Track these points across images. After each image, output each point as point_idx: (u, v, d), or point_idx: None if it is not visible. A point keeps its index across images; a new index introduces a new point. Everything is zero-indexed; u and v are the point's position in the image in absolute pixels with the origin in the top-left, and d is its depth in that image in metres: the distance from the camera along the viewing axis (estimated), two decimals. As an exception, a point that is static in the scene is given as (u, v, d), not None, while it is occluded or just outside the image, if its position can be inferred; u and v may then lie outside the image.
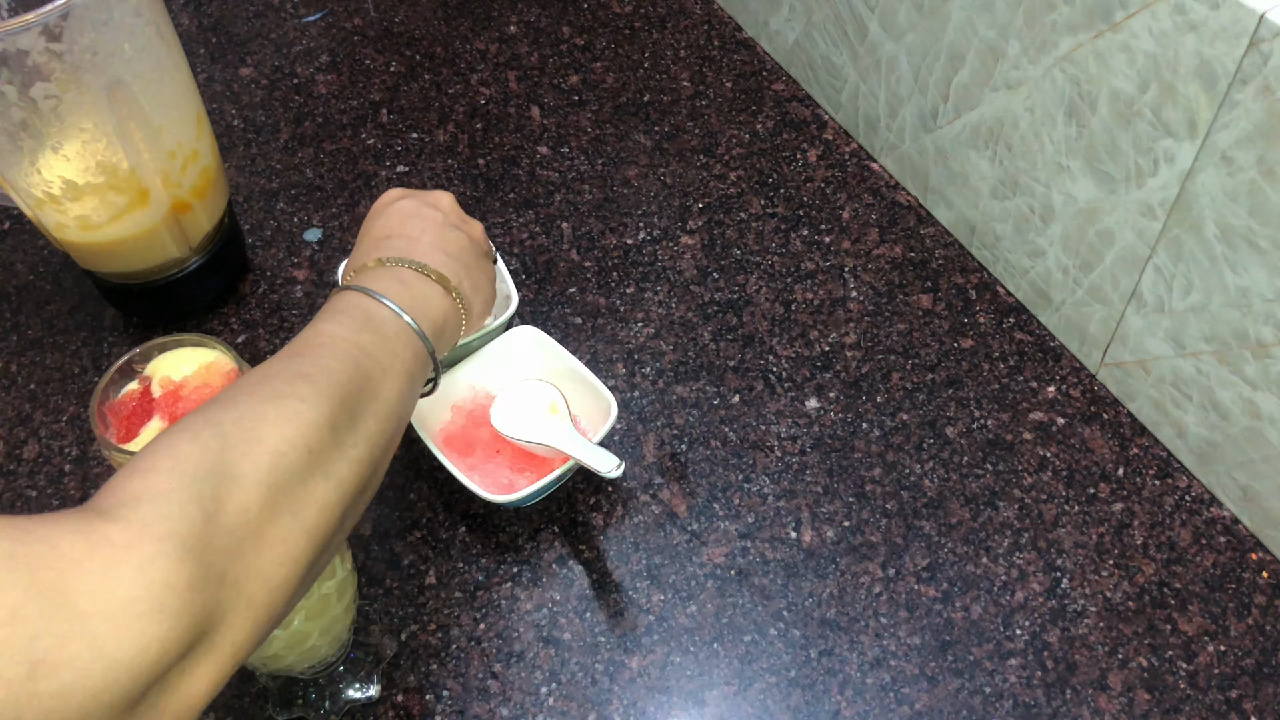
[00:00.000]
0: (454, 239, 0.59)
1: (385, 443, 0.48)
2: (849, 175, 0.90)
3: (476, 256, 0.61)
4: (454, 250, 0.58)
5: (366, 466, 0.46)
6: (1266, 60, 0.53)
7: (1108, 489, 0.70)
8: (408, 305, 0.52)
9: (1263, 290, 0.59)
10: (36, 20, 0.58)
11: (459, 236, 0.60)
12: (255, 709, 0.62)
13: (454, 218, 0.61)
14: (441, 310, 0.55)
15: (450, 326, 0.56)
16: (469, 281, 0.58)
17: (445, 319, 0.55)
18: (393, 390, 0.49)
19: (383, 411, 0.47)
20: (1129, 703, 0.61)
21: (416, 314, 0.53)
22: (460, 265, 0.58)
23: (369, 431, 0.46)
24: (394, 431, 0.49)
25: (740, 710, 0.62)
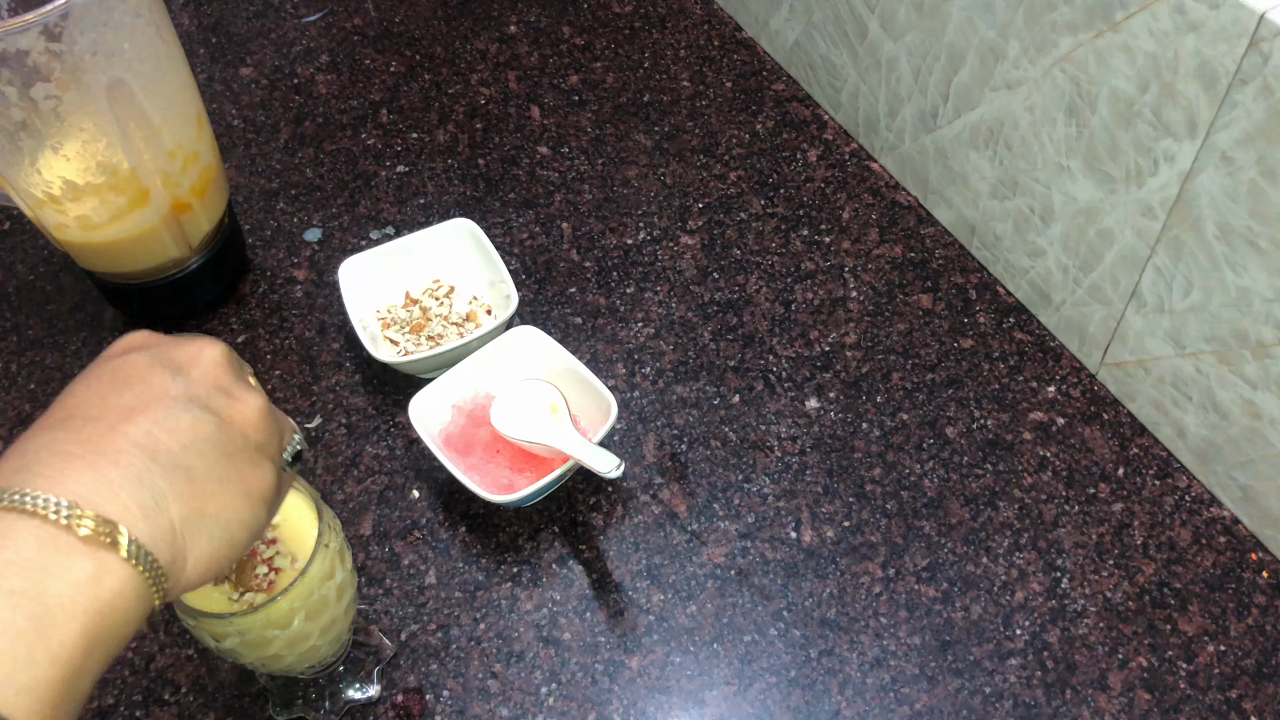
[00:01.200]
0: (183, 426, 0.37)
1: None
2: (849, 175, 0.90)
3: (222, 455, 0.38)
4: (171, 450, 0.37)
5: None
6: (1266, 60, 0.53)
7: (1108, 489, 0.70)
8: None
9: (1263, 290, 0.59)
10: (36, 20, 0.58)
11: (194, 421, 0.38)
12: (255, 709, 0.62)
13: (203, 388, 0.39)
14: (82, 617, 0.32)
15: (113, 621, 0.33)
16: (185, 503, 0.36)
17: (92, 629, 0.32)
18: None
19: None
20: (1129, 703, 0.61)
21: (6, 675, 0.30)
22: (173, 476, 0.36)
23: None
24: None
25: (740, 710, 0.62)
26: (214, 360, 0.41)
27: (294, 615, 0.51)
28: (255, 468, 0.40)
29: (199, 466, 0.37)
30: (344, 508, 0.71)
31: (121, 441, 0.36)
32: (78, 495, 0.33)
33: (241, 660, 0.53)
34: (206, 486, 0.37)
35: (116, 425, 0.36)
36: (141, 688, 0.63)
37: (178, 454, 0.37)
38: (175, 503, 0.36)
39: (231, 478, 0.38)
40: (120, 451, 0.35)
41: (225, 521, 0.38)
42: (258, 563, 0.53)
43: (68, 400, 0.38)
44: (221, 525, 0.38)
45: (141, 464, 0.35)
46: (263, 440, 0.41)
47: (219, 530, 0.38)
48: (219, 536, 0.38)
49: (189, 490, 0.36)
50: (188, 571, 0.36)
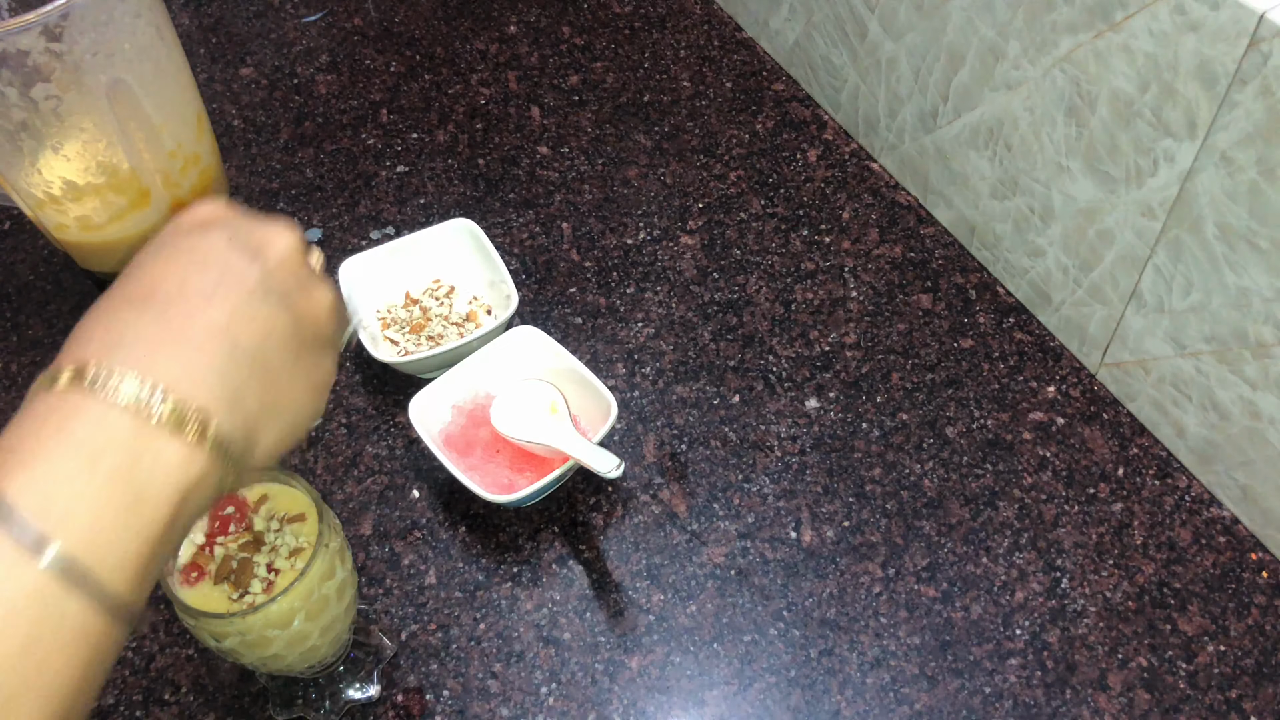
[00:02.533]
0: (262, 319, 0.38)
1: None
2: (849, 175, 0.90)
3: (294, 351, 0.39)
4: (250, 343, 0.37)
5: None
6: (1266, 60, 0.53)
7: (1108, 489, 0.70)
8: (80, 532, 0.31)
9: (1263, 290, 0.59)
10: (37, 20, 0.58)
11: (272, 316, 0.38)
12: (255, 709, 0.62)
13: (279, 278, 0.39)
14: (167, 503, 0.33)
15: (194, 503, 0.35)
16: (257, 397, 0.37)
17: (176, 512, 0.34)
18: None
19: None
20: (1129, 703, 0.61)
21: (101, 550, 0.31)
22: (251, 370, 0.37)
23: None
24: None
25: (740, 710, 0.62)
26: (290, 248, 0.40)
27: (294, 615, 0.51)
28: (321, 360, 0.41)
29: (274, 360, 0.38)
30: (344, 508, 0.71)
31: (204, 330, 0.36)
32: (167, 383, 0.34)
33: (241, 660, 0.53)
34: (279, 380, 0.38)
35: (199, 311, 0.36)
36: (141, 688, 0.63)
37: (256, 346, 0.37)
38: (252, 396, 0.37)
39: (300, 372, 0.39)
40: (204, 341, 0.36)
41: (293, 413, 0.39)
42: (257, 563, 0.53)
43: (145, 273, 0.38)
44: (289, 417, 0.39)
45: (224, 355, 0.36)
46: (329, 334, 0.41)
47: (286, 422, 0.39)
48: (285, 427, 0.39)
49: (265, 383, 0.37)
50: (254, 460, 0.38)
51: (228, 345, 0.36)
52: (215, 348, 0.36)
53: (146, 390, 0.34)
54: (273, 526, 0.54)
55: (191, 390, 0.35)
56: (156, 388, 0.34)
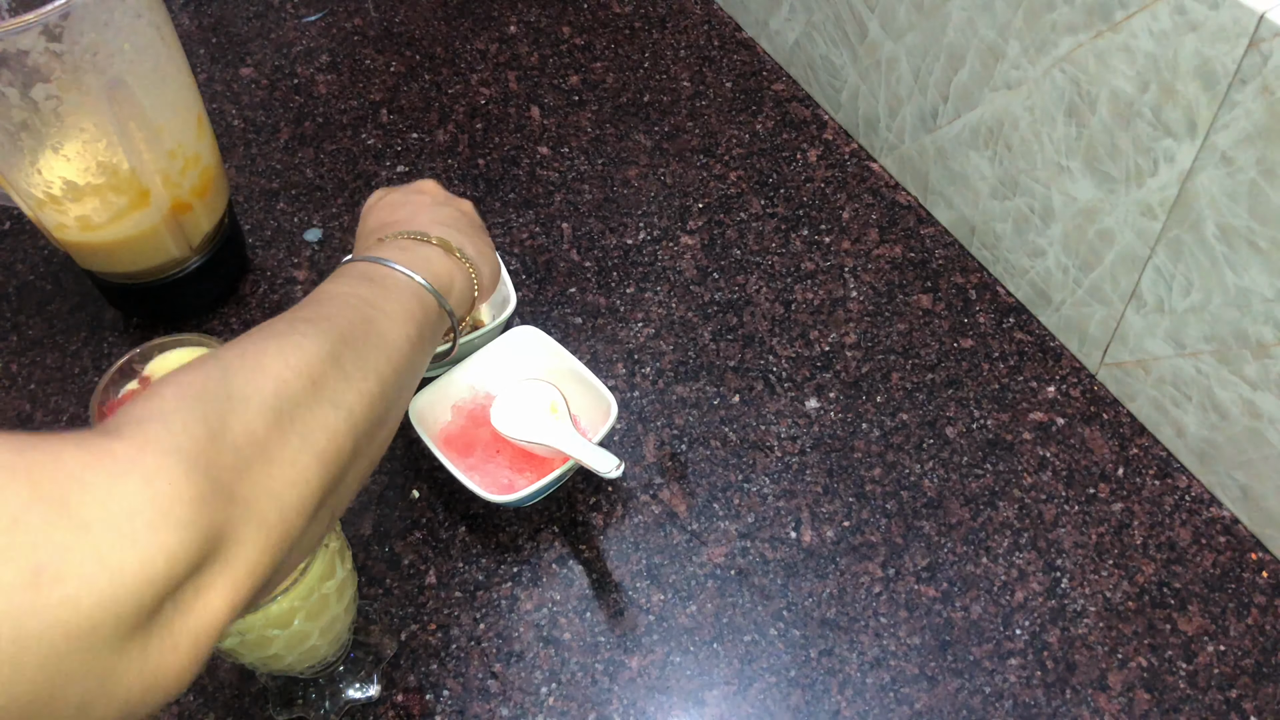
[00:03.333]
0: (446, 213, 0.62)
1: (396, 381, 0.48)
2: (849, 175, 0.90)
3: (473, 226, 0.63)
4: (448, 220, 0.61)
5: (377, 400, 0.46)
6: (1266, 60, 0.53)
7: (1108, 489, 0.70)
8: (407, 263, 0.54)
9: (1263, 290, 0.59)
10: (37, 20, 0.58)
11: (450, 210, 0.62)
12: (255, 709, 0.62)
13: (441, 197, 0.64)
14: (446, 268, 0.56)
15: (460, 285, 0.58)
16: (471, 246, 0.60)
17: (452, 276, 0.57)
18: (398, 333, 0.49)
19: (389, 351, 0.48)
20: (1129, 703, 0.61)
21: (418, 270, 0.54)
22: (458, 232, 0.60)
23: (377, 367, 0.46)
24: (404, 371, 0.50)
25: (740, 710, 0.62)
26: (435, 185, 0.66)
27: (294, 615, 0.51)
28: (486, 236, 0.64)
29: (466, 229, 0.61)
30: (344, 508, 0.71)
31: (424, 221, 0.60)
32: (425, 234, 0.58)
33: (241, 660, 0.53)
34: (474, 239, 0.61)
35: (412, 220, 0.60)
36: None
37: (453, 224, 0.61)
38: (465, 244, 0.59)
39: (481, 238, 0.62)
40: (427, 225, 0.59)
41: (490, 260, 0.62)
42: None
43: (369, 225, 0.61)
44: (489, 262, 0.62)
45: (440, 229, 0.59)
46: (481, 223, 0.66)
47: (489, 265, 0.61)
48: (489, 268, 0.61)
49: (467, 240, 0.60)
50: (484, 281, 0.60)
51: (439, 225, 0.59)
52: (433, 225, 0.59)
53: (422, 234, 0.58)
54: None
55: (436, 235, 0.58)
56: (421, 231, 0.58)
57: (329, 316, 0.47)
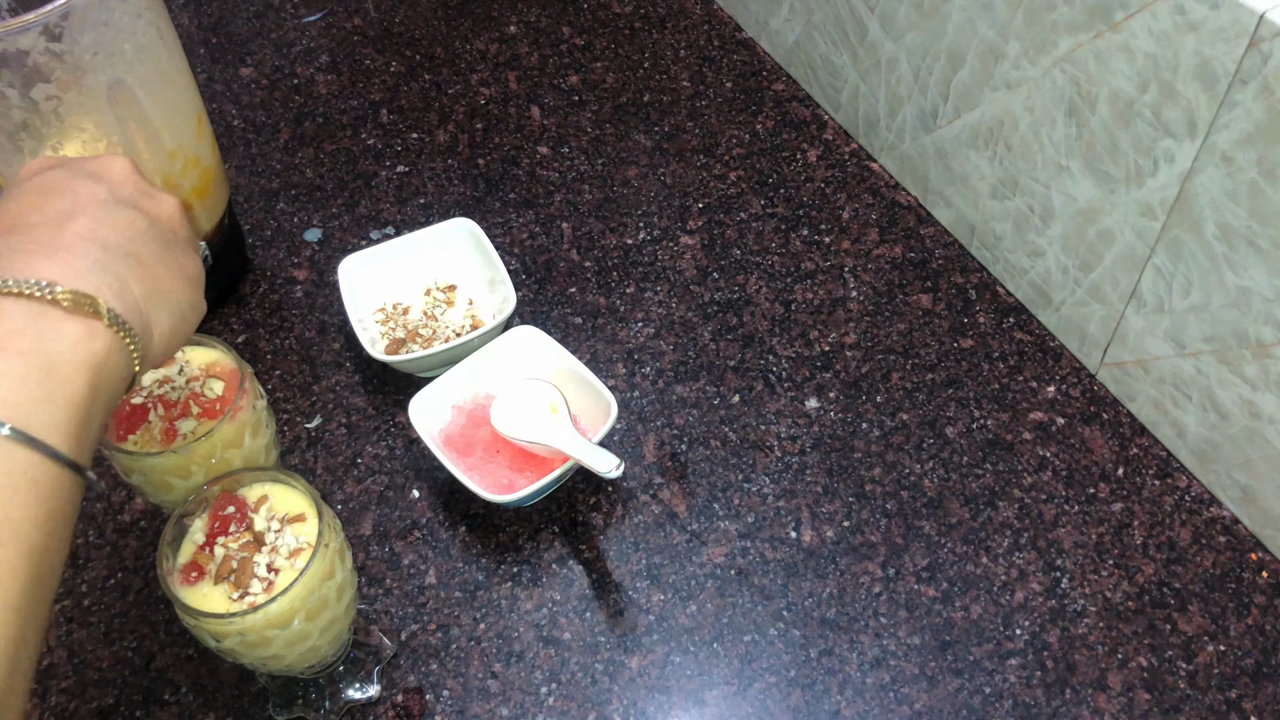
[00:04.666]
0: (122, 222, 0.42)
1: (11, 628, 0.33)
2: (849, 175, 0.90)
3: (160, 245, 0.43)
4: (117, 240, 0.41)
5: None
6: (1266, 60, 0.53)
7: (1108, 489, 0.70)
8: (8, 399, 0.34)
9: (1263, 290, 0.59)
10: (37, 20, 0.58)
11: (131, 218, 0.42)
12: (255, 709, 0.62)
13: (126, 191, 0.44)
14: (81, 369, 0.37)
15: (106, 381, 0.38)
16: (141, 284, 0.41)
17: (94, 379, 0.37)
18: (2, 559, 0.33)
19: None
20: (1129, 703, 0.61)
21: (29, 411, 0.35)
22: (125, 260, 0.40)
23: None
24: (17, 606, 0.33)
25: (740, 710, 0.62)
26: (126, 168, 0.45)
27: (294, 615, 0.51)
28: (187, 256, 0.45)
29: (145, 254, 0.42)
30: (344, 508, 0.71)
31: (72, 238, 0.39)
32: (53, 278, 0.37)
33: (241, 660, 0.53)
34: (155, 270, 0.42)
35: (63, 225, 0.40)
36: (141, 688, 0.63)
37: (124, 244, 0.41)
38: (135, 284, 0.40)
39: (172, 264, 0.43)
40: (74, 245, 0.39)
41: (177, 301, 0.43)
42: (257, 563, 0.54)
43: (4, 215, 0.41)
44: (174, 304, 0.43)
45: (98, 252, 0.40)
46: (186, 234, 0.46)
47: (173, 308, 0.43)
48: (174, 314, 0.43)
49: (142, 274, 0.41)
50: (155, 344, 0.42)
51: (98, 246, 0.40)
52: (87, 248, 0.39)
53: (33, 283, 0.37)
54: (273, 526, 0.54)
55: (77, 280, 0.38)
56: (43, 280, 0.37)
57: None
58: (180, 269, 0.44)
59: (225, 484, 0.54)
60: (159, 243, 0.43)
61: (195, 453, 0.55)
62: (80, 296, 0.37)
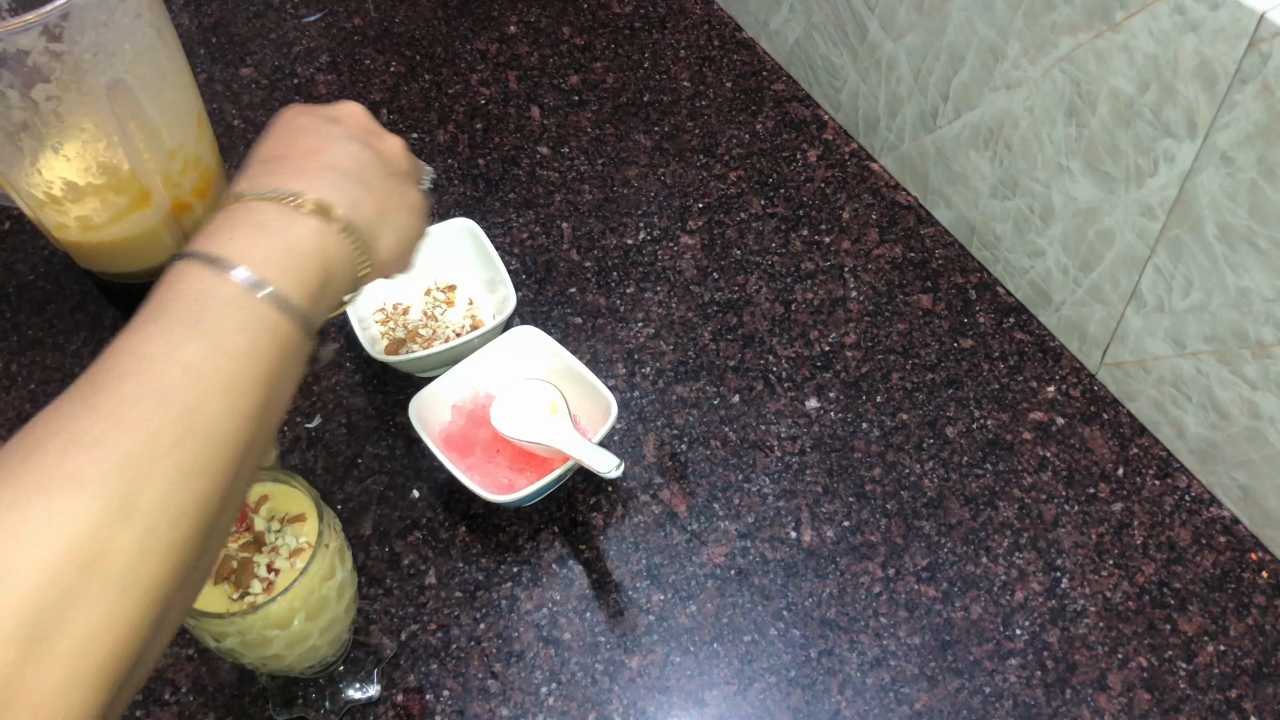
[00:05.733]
0: (353, 154, 0.49)
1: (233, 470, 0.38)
2: (849, 175, 0.90)
3: (385, 175, 0.50)
4: (349, 166, 0.48)
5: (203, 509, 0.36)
6: (1266, 60, 0.53)
7: (1108, 489, 0.70)
8: (263, 264, 0.41)
9: (1263, 290, 0.59)
10: (37, 20, 0.58)
11: (359, 151, 0.49)
12: (255, 709, 0.62)
13: (358, 130, 0.51)
14: (316, 255, 0.44)
15: (337, 271, 0.45)
16: (370, 205, 0.47)
17: (326, 266, 0.44)
18: (238, 407, 0.38)
19: (220, 445, 0.37)
20: (1129, 703, 0.61)
21: (278, 274, 0.41)
22: (357, 185, 0.47)
23: (196, 492, 0.35)
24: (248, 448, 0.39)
25: (740, 710, 0.62)
26: (359, 112, 0.52)
27: (294, 615, 0.51)
28: (408, 187, 0.51)
29: (373, 181, 0.48)
30: (344, 508, 0.71)
31: (315, 165, 0.47)
32: (299, 190, 0.45)
33: (241, 660, 0.53)
34: (381, 196, 0.48)
35: (308, 157, 0.47)
36: (141, 688, 0.63)
37: (356, 171, 0.48)
38: (365, 202, 0.47)
39: (395, 191, 0.50)
40: (316, 171, 0.46)
41: (398, 222, 0.49)
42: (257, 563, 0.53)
43: (264, 150, 0.49)
44: (396, 225, 0.49)
45: (335, 176, 0.47)
46: (408, 169, 0.52)
47: (396, 228, 0.49)
48: (397, 233, 0.49)
49: (370, 196, 0.48)
50: (381, 253, 0.48)
51: (336, 172, 0.47)
52: (326, 174, 0.46)
53: (283, 190, 0.44)
54: (273, 526, 0.54)
55: (315, 192, 0.45)
56: (288, 188, 0.45)
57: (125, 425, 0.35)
58: (402, 196, 0.50)
59: (225, 484, 0.54)
60: (384, 172, 0.50)
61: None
62: (319, 204, 0.44)
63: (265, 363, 0.40)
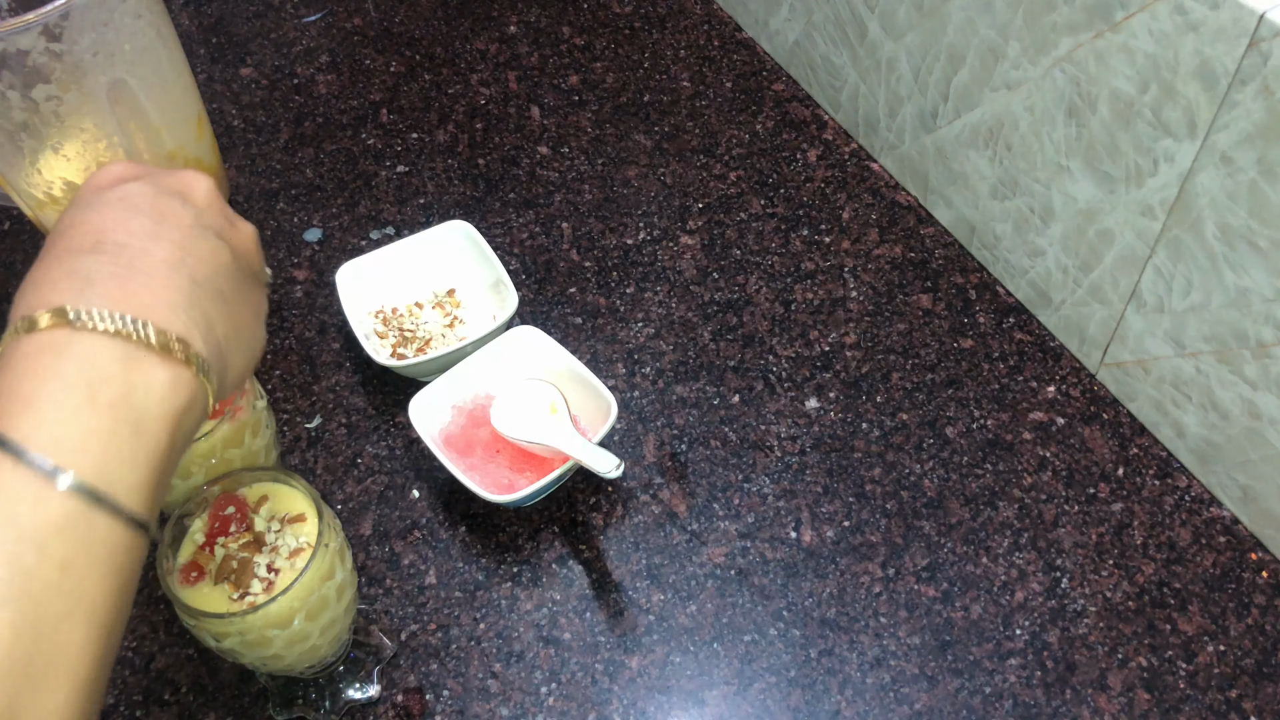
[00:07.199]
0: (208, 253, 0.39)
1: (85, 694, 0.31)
2: (849, 175, 0.90)
3: (240, 280, 0.41)
4: (205, 273, 0.38)
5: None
6: (1266, 60, 0.53)
7: (1108, 489, 0.70)
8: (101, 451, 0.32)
9: (1263, 290, 0.59)
10: (37, 20, 0.58)
11: (215, 249, 0.40)
12: (255, 709, 0.62)
13: (210, 216, 0.41)
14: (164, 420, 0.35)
15: (188, 425, 0.37)
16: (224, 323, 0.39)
17: (177, 424, 0.36)
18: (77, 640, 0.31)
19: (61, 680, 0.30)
20: (1129, 703, 0.61)
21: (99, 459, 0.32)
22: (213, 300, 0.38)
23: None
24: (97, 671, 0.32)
25: (740, 710, 0.62)
26: (210, 190, 0.42)
27: (294, 615, 0.51)
28: (257, 291, 0.44)
29: (228, 290, 0.40)
30: (344, 508, 0.71)
31: (162, 266, 0.37)
32: (146, 314, 0.35)
33: (241, 660, 0.53)
34: (235, 308, 0.40)
35: (150, 250, 0.37)
36: (141, 688, 0.63)
37: (211, 278, 0.39)
38: (219, 323, 0.39)
39: (248, 300, 0.42)
40: (166, 275, 0.37)
41: (249, 339, 0.42)
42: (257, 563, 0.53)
43: (85, 227, 0.38)
44: (247, 343, 0.42)
45: (189, 287, 0.37)
46: (259, 267, 0.45)
47: (246, 347, 0.42)
48: (246, 352, 0.42)
49: (225, 311, 0.39)
50: (227, 384, 0.40)
51: (186, 277, 0.38)
52: (177, 281, 0.37)
53: (128, 321, 0.35)
54: (273, 526, 0.54)
55: (170, 318, 0.36)
56: (137, 318, 0.35)
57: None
58: (253, 305, 0.42)
59: (225, 484, 0.54)
60: (240, 277, 0.41)
61: (195, 453, 0.55)
62: (173, 340, 0.35)
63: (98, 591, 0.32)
